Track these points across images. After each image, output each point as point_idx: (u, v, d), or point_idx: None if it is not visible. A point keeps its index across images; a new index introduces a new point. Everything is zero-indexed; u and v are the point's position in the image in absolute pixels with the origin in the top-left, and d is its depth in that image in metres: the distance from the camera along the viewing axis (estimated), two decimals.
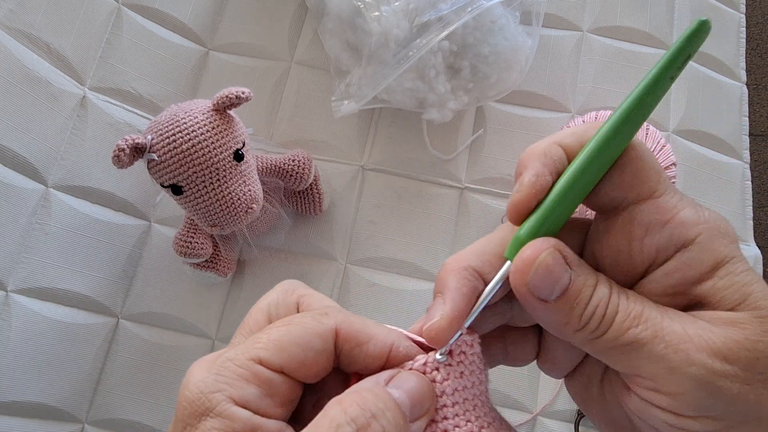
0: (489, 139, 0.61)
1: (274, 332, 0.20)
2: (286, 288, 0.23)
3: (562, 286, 0.20)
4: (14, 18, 0.53)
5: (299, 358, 0.20)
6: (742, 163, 0.62)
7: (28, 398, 0.50)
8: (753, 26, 1.29)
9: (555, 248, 0.21)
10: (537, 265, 0.20)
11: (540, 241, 0.21)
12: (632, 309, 0.20)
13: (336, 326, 0.20)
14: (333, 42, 0.58)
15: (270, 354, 0.19)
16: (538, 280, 0.20)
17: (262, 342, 0.20)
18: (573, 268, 0.21)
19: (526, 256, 0.20)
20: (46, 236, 0.53)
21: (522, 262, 0.20)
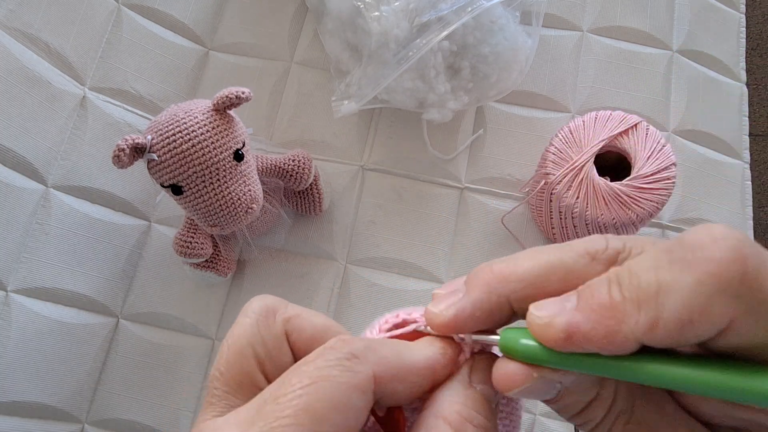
0: (489, 139, 0.61)
1: (301, 397, 0.16)
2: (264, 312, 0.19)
3: (551, 395, 0.19)
4: (14, 18, 0.53)
5: (341, 425, 0.16)
6: (742, 163, 0.62)
7: (28, 398, 0.50)
8: (753, 26, 1.29)
9: (537, 381, 0.18)
10: (518, 391, 0.18)
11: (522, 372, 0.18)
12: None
13: (374, 372, 0.17)
14: (333, 42, 0.58)
15: (305, 428, 0.15)
16: (521, 395, 0.18)
17: (290, 413, 0.16)
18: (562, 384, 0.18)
19: (506, 377, 0.18)
20: (46, 236, 0.53)
21: (501, 379, 0.18)
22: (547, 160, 0.52)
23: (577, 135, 0.52)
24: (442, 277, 0.57)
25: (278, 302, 0.20)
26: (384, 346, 0.18)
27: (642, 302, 0.15)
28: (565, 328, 0.16)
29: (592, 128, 0.51)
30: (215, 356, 0.57)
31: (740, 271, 0.14)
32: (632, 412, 0.19)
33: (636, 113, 0.53)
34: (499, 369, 0.19)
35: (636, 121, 0.51)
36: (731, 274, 0.14)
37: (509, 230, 0.58)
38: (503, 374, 0.18)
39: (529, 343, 0.18)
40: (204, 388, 0.54)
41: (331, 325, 0.20)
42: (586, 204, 0.49)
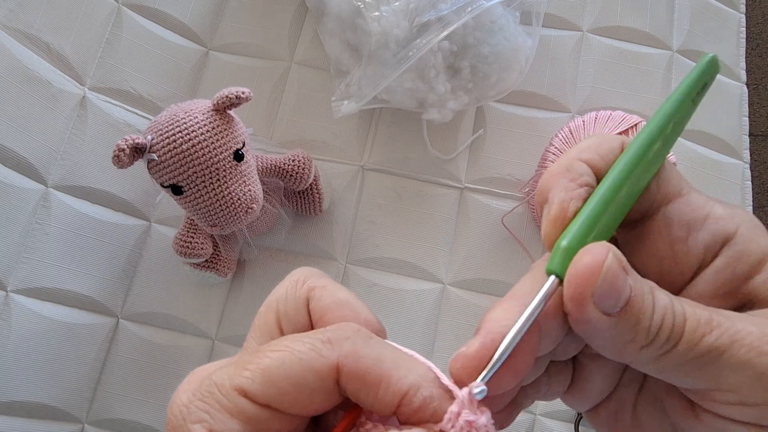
0: (489, 139, 0.61)
1: (264, 360, 0.17)
2: (296, 279, 0.21)
3: (626, 295, 0.17)
4: (14, 18, 0.53)
5: (289, 395, 0.17)
6: (742, 163, 0.62)
7: (28, 398, 0.50)
8: (753, 26, 1.29)
9: (615, 252, 0.18)
10: (604, 272, 0.17)
11: (597, 245, 0.18)
12: (700, 314, 0.17)
13: (339, 362, 0.17)
14: (333, 42, 0.58)
15: (256, 387, 0.17)
16: (605, 291, 0.17)
17: (251, 370, 0.17)
18: (629, 275, 0.18)
19: (587, 262, 0.17)
20: (46, 236, 0.53)
21: (583, 269, 0.17)
22: (547, 160, 0.52)
23: (577, 135, 0.52)
24: (442, 277, 0.57)
25: (312, 272, 0.21)
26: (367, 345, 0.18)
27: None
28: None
29: (592, 128, 0.51)
30: (215, 356, 0.57)
31: None
32: (685, 301, 0.18)
33: (636, 113, 0.53)
34: (573, 269, 0.17)
35: (636, 121, 0.51)
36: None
37: (509, 230, 0.58)
38: (582, 265, 0.17)
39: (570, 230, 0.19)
40: None
41: (349, 301, 0.20)
42: None
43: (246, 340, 0.20)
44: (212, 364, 0.19)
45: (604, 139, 0.21)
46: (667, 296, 0.18)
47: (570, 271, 0.18)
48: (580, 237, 0.18)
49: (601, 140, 0.21)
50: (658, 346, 0.17)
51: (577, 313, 0.18)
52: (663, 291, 0.18)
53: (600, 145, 0.20)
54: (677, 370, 0.18)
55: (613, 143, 0.21)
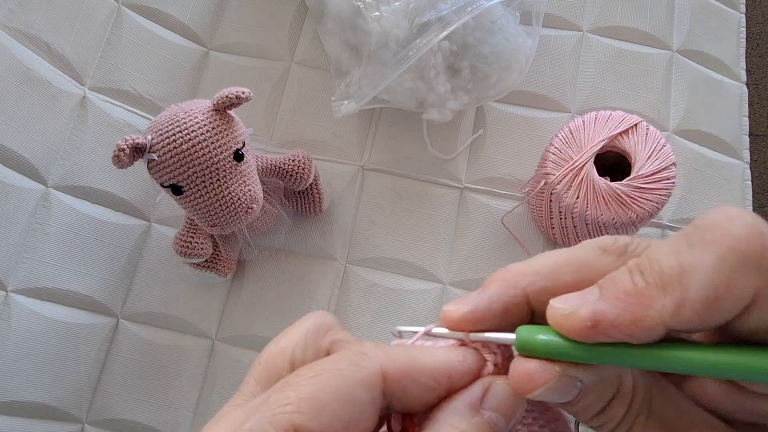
0: (489, 139, 0.61)
1: (304, 387, 0.16)
2: (317, 326, 0.19)
3: (571, 395, 0.17)
4: (14, 18, 0.53)
5: (343, 418, 0.16)
6: (742, 163, 0.62)
7: (28, 398, 0.50)
8: (753, 26, 1.29)
9: (560, 379, 0.17)
10: (534, 395, 0.17)
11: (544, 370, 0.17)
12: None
13: (381, 367, 0.17)
14: (333, 42, 0.58)
15: (307, 419, 0.15)
16: (540, 397, 0.17)
17: (292, 402, 0.16)
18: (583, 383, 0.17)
19: (526, 376, 0.17)
20: (46, 236, 0.53)
21: (521, 378, 0.17)
22: (547, 160, 0.52)
23: (577, 135, 0.52)
24: (442, 277, 0.57)
25: (334, 322, 0.20)
26: (396, 347, 0.18)
27: (666, 285, 0.15)
28: (591, 316, 0.16)
29: (592, 128, 0.51)
30: (215, 356, 0.57)
31: (760, 244, 0.14)
32: (651, 410, 0.18)
33: (636, 113, 0.53)
34: (517, 368, 0.18)
35: (636, 121, 0.51)
36: (752, 248, 0.14)
37: (509, 230, 0.58)
38: (522, 372, 0.17)
39: (550, 337, 0.17)
40: (204, 388, 0.54)
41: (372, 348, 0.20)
42: (586, 204, 0.49)
43: (244, 382, 0.19)
44: (227, 420, 0.17)
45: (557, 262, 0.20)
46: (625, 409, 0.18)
47: (512, 373, 0.18)
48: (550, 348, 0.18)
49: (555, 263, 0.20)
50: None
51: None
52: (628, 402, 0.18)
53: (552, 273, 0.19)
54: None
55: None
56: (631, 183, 0.49)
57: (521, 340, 0.18)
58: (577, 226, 0.52)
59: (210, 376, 0.55)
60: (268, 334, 0.55)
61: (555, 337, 0.17)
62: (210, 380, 0.54)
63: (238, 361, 0.55)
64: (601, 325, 0.16)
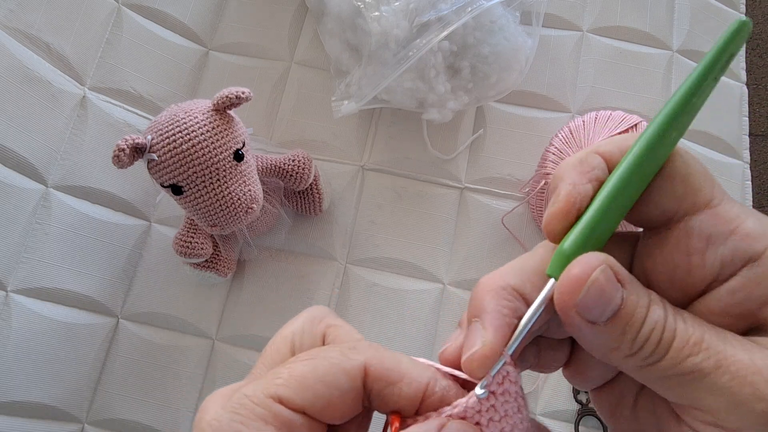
0: (489, 139, 0.61)
1: (297, 367, 0.18)
2: (313, 315, 0.21)
3: (614, 306, 0.18)
4: (14, 18, 0.53)
5: (324, 397, 0.18)
6: (742, 163, 0.62)
7: (28, 398, 0.50)
8: (753, 26, 1.29)
9: (606, 264, 0.18)
10: (589, 284, 0.18)
11: (589, 256, 0.18)
12: (691, 334, 0.18)
13: (366, 363, 0.19)
14: (333, 42, 0.58)
15: (291, 392, 0.18)
16: (590, 301, 0.18)
17: (283, 378, 0.18)
18: (625, 286, 0.18)
19: (574, 274, 0.18)
20: (46, 236, 0.53)
21: (570, 280, 0.18)
22: (547, 160, 0.52)
23: (577, 135, 0.52)
24: (442, 277, 0.57)
25: (326, 312, 0.22)
26: (388, 351, 0.19)
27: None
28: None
29: (592, 128, 0.51)
30: (215, 356, 0.57)
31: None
32: (683, 314, 0.19)
33: (636, 113, 0.53)
34: (562, 279, 0.18)
35: (636, 121, 0.51)
36: None
37: (509, 230, 0.58)
38: (571, 275, 0.18)
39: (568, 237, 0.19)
40: (204, 389, 0.54)
41: (360, 338, 0.21)
42: None
43: (255, 366, 0.21)
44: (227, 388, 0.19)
45: (628, 136, 0.21)
46: (663, 311, 0.18)
47: (560, 281, 0.19)
48: (580, 242, 0.19)
49: (626, 137, 0.21)
50: (642, 358, 0.18)
51: (563, 318, 0.19)
52: (662, 305, 0.19)
53: (623, 141, 0.21)
54: (661, 383, 0.18)
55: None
56: None
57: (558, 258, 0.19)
58: None
59: (210, 376, 0.55)
60: (268, 334, 0.55)
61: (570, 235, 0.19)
62: (210, 380, 0.54)
63: (238, 361, 0.55)
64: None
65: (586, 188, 0.19)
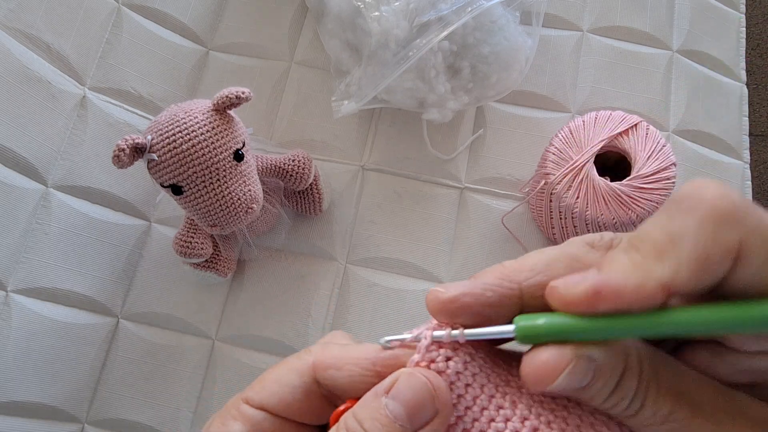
0: (489, 139, 0.61)
1: (265, 374, 0.21)
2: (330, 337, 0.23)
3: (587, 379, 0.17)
4: (14, 18, 0.53)
5: (277, 394, 0.20)
6: (742, 163, 0.62)
7: (28, 398, 0.50)
8: (753, 26, 1.29)
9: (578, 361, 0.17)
10: (554, 385, 0.17)
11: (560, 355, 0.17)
12: (660, 406, 0.18)
13: (313, 360, 0.21)
14: (333, 42, 0.58)
15: (253, 393, 0.21)
16: (554, 389, 0.17)
17: (252, 384, 0.21)
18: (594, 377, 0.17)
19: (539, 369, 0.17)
20: (46, 236, 0.53)
21: (538, 371, 0.17)
22: (547, 160, 0.52)
23: (577, 135, 0.52)
24: (442, 277, 0.57)
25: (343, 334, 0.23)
26: (337, 345, 0.21)
27: (661, 254, 0.17)
28: (593, 284, 0.17)
29: (592, 128, 0.51)
30: (215, 356, 0.57)
31: (730, 201, 0.16)
32: (659, 380, 0.18)
33: (636, 113, 0.53)
34: (530, 362, 0.17)
35: (636, 121, 0.51)
36: (725, 206, 0.16)
37: (509, 230, 0.58)
38: (539, 364, 0.17)
39: (554, 317, 0.17)
40: (204, 388, 0.54)
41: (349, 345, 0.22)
42: (586, 204, 0.49)
43: None
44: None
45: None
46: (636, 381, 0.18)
47: (524, 368, 0.18)
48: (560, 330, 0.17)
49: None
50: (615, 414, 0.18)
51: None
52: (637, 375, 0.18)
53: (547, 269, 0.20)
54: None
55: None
56: (631, 183, 0.49)
57: (522, 328, 0.18)
58: (577, 226, 0.52)
59: (210, 376, 0.55)
60: (268, 334, 0.55)
61: (558, 316, 0.17)
62: (210, 380, 0.54)
63: (238, 361, 0.55)
64: (603, 292, 0.17)
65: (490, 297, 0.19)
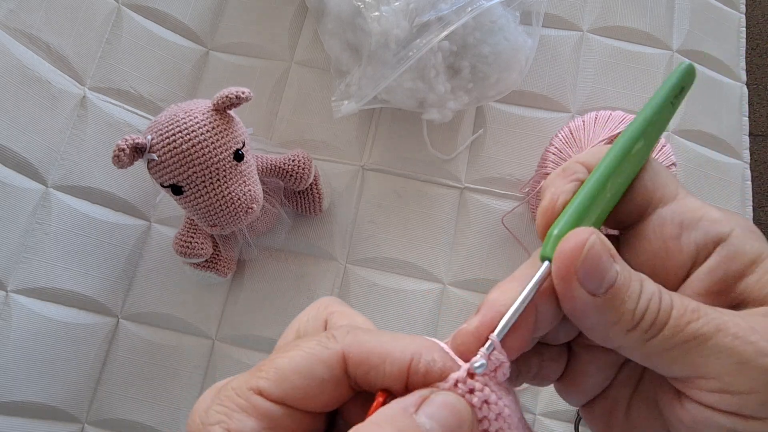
0: (489, 139, 0.61)
1: (278, 360, 0.18)
2: (319, 304, 0.22)
3: (611, 277, 0.18)
4: (14, 18, 0.53)
5: (302, 388, 0.18)
6: (742, 163, 0.62)
7: (28, 398, 0.50)
8: (753, 26, 1.29)
9: (597, 235, 0.19)
10: (586, 251, 0.18)
11: (581, 230, 0.19)
12: (688, 303, 0.18)
13: (343, 350, 0.18)
14: (333, 42, 0.58)
15: (270, 384, 0.18)
16: (588, 269, 0.18)
17: (264, 370, 0.18)
18: (617, 261, 0.19)
19: (570, 245, 0.19)
20: (46, 236, 0.53)
21: (567, 251, 0.19)
22: (547, 160, 0.52)
23: (577, 135, 0.52)
24: (442, 277, 0.57)
25: (332, 300, 0.22)
26: (368, 333, 0.19)
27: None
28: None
29: (592, 128, 0.51)
30: (215, 356, 0.57)
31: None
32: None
33: (636, 113, 0.53)
34: (564, 243, 0.19)
35: None
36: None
37: (509, 230, 0.58)
38: (568, 239, 0.19)
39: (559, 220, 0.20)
40: (204, 389, 0.54)
41: (362, 321, 0.21)
42: None
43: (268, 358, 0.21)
44: (224, 380, 0.20)
45: (602, 147, 0.23)
46: (656, 286, 0.19)
47: (557, 253, 0.19)
48: (569, 225, 0.20)
49: (600, 148, 0.23)
50: (644, 330, 0.18)
51: (564, 291, 0.19)
52: (653, 282, 0.19)
53: (598, 151, 0.22)
54: (663, 356, 0.18)
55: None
56: None
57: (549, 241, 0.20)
58: None
59: (210, 376, 0.55)
60: (268, 334, 0.55)
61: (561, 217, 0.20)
62: (210, 380, 0.54)
63: (237, 361, 0.55)
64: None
65: (567, 187, 0.21)
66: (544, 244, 0.20)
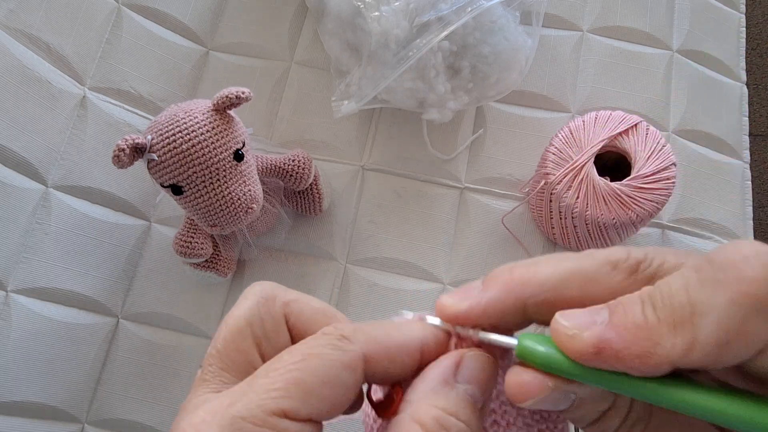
0: (489, 139, 0.61)
1: (291, 372, 0.16)
2: (265, 296, 0.19)
3: (564, 406, 0.18)
4: (14, 18, 0.53)
5: (329, 399, 0.16)
6: (742, 163, 0.62)
7: (28, 398, 0.50)
8: (753, 26, 1.29)
9: (553, 392, 0.17)
10: (532, 402, 0.17)
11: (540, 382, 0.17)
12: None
13: (362, 350, 0.17)
14: (333, 42, 0.58)
15: (296, 402, 0.16)
16: (533, 406, 0.18)
17: (279, 387, 0.16)
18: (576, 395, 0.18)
19: (519, 387, 0.18)
20: (46, 236, 0.53)
21: (515, 389, 0.18)
22: (547, 160, 0.52)
23: (577, 135, 0.52)
24: (442, 277, 0.57)
25: (278, 287, 0.20)
26: (374, 327, 0.19)
27: (677, 324, 0.15)
28: (596, 343, 0.16)
29: (592, 128, 0.51)
30: None
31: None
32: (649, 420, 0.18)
33: (636, 113, 0.53)
34: (512, 377, 0.18)
35: (636, 121, 0.51)
36: (763, 292, 0.14)
37: (509, 230, 0.58)
38: (517, 382, 0.18)
39: (552, 352, 0.17)
40: None
41: (328, 309, 0.20)
42: (586, 204, 0.49)
43: (204, 372, 0.19)
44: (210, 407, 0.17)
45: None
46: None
47: (509, 382, 0.18)
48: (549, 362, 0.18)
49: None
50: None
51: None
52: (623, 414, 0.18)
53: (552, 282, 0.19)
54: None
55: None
56: (631, 183, 0.49)
57: (522, 348, 0.18)
58: (577, 226, 0.52)
59: None
60: None
61: (555, 353, 0.17)
62: None
63: None
64: (604, 353, 0.16)
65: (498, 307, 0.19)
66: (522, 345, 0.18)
